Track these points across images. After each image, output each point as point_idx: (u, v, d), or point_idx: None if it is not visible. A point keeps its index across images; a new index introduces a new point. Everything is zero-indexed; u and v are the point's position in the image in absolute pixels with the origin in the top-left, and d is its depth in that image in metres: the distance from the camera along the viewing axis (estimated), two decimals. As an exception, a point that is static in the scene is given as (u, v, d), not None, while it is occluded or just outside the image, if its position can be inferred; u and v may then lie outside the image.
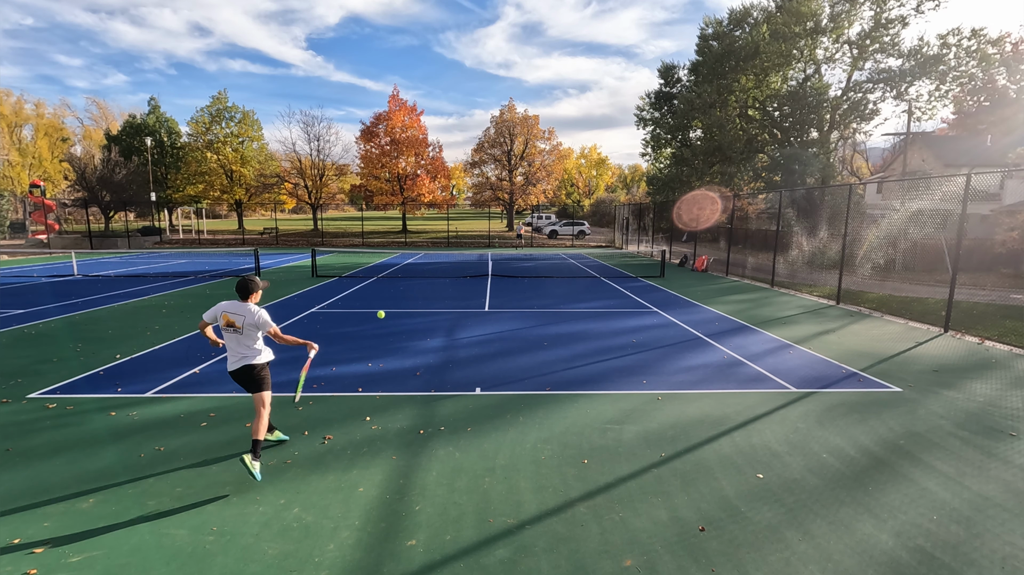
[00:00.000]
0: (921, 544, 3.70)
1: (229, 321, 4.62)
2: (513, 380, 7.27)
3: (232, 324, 4.61)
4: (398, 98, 47.59)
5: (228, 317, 4.63)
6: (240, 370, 4.69)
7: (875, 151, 39.53)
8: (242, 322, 4.63)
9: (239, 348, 4.67)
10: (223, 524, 3.89)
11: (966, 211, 10.22)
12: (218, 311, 4.68)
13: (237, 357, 4.68)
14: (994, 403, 6.50)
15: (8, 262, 24.81)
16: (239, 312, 4.65)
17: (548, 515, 4.04)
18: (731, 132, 29.46)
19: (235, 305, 4.69)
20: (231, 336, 4.66)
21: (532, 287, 16.46)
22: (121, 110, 74.29)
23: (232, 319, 4.62)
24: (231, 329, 4.62)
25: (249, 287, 4.77)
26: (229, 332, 4.64)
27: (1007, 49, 33.06)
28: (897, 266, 21.37)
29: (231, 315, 4.63)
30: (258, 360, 4.72)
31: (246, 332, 4.64)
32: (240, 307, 4.68)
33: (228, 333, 4.65)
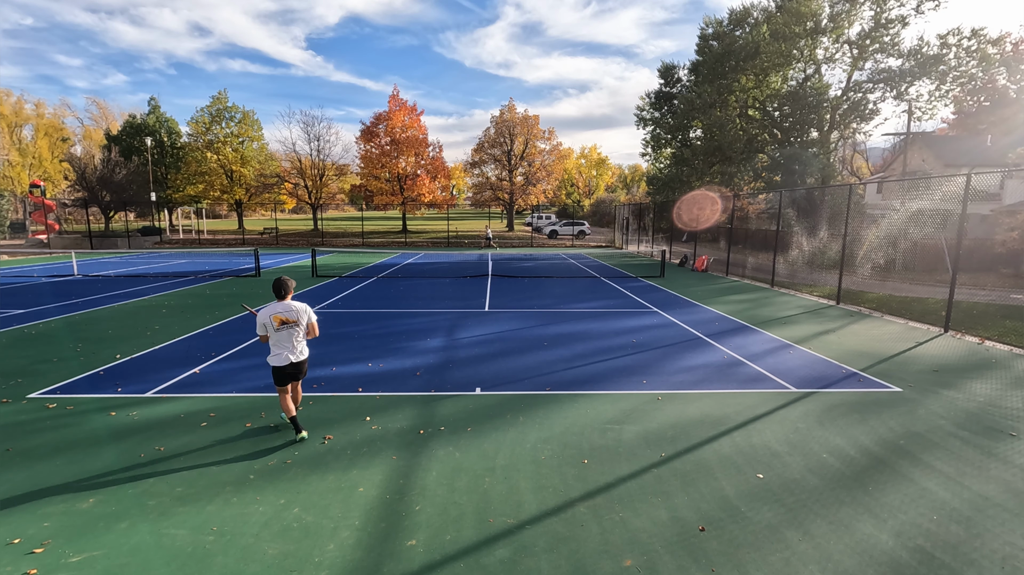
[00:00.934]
0: (921, 544, 3.70)
1: (284, 319, 5.09)
2: (513, 380, 7.27)
3: (287, 321, 5.10)
4: (398, 98, 47.58)
5: (282, 316, 5.09)
6: (301, 363, 5.26)
7: (875, 151, 39.57)
8: (296, 316, 5.15)
9: (296, 342, 5.18)
10: (223, 524, 3.89)
11: (966, 211, 10.22)
12: (267, 318, 5.09)
13: (295, 351, 5.20)
14: (994, 403, 6.50)
15: (8, 262, 24.81)
16: (291, 309, 5.16)
17: (548, 515, 4.04)
18: (731, 132, 29.45)
19: (282, 305, 5.15)
20: (286, 333, 5.12)
21: (532, 287, 16.46)
22: (121, 110, 74.33)
23: (286, 317, 5.11)
24: (287, 326, 5.09)
25: (288, 286, 5.26)
26: (284, 329, 5.09)
27: (1007, 49, 33.08)
28: (897, 266, 21.37)
29: (284, 314, 5.11)
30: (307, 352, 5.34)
31: (301, 324, 5.17)
32: (288, 305, 5.16)
33: (283, 331, 5.10)
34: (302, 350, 5.25)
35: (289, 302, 5.20)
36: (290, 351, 5.15)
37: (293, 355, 5.17)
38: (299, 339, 5.22)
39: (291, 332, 5.14)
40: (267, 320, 5.08)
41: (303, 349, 5.24)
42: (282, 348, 5.13)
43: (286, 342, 5.12)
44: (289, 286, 5.24)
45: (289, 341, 5.14)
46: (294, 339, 5.17)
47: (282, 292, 5.19)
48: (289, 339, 5.14)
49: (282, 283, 5.22)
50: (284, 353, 5.14)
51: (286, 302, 5.19)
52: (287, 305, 5.16)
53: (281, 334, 5.09)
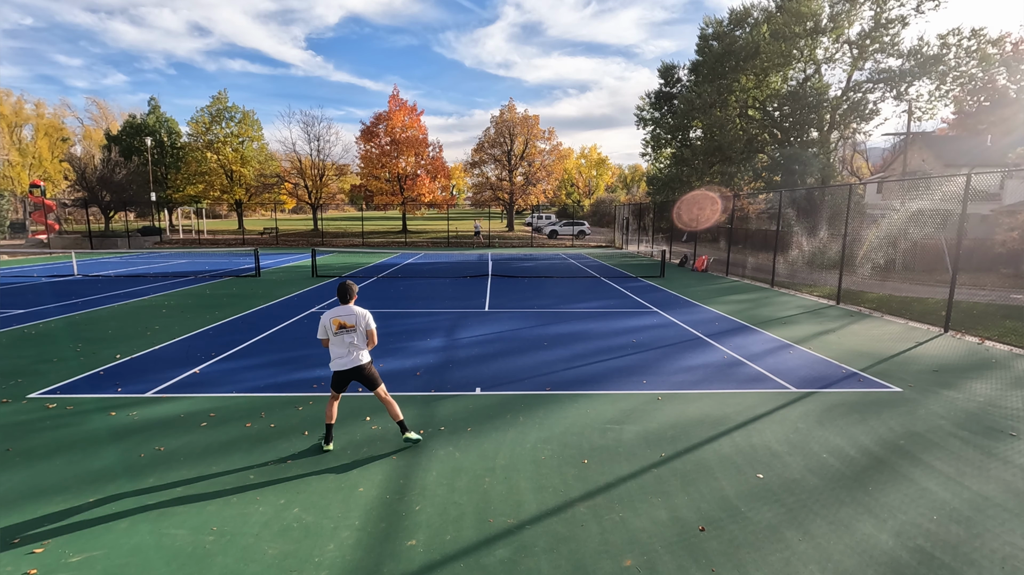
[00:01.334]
0: (921, 544, 3.70)
1: (342, 323, 4.99)
2: (513, 380, 7.27)
3: (345, 325, 4.99)
4: (398, 98, 47.58)
5: (340, 320, 5.00)
6: (354, 370, 5.04)
7: (875, 151, 39.56)
8: (354, 321, 5.02)
9: (351, 348, 5.02)
10: (223, 524, 3.89)
11: (966, 211, 10.22)
12: (327, 322, 5.03)
13: (348, 357, 5.02)
14: (994, 403, 6.50)
15: (8, 262, 24.81)
16: (351, 314, 5.05)
17: (548, 515, 4.04)
18: (731, 132, 29.45)
19: (344, 309, 5.08)
20: (341, 337, 5.01)
21: (532, 287, 16.46)
22: (121, 110, 74.32)
23: (344, 321, 5.00)
24: (343, 330, 4.99)
25: (351, 291, 5.17)
26: (341, 334, 5.00)
27: (1007, 49, 33.08)
28: (897, 266, 21.37)
29: (343, 318, 5.01)
30: (367, 358, 5.12)
31: (359, 330, 5.03)
32: (349, 310, 5.08)
33: (340, 335, 5.00)
34: (357, 357, 5.04)
35: (351, 306, 5.10)
36: (343, 356, 5.03)
37: (345, 361, 5.03)
38: (355, 345, 5.05)
39: (347, 337, 5.02)
40: (327, 323, 5.02)
41: (358, 356, 5.04)
42: (337, 353, 5.06)
43: (340, 348, 5.03)
44: (353, 290, 5.16)
45: (343, 346, 5.03)
46: (350, 345, 5.03)
47: (346, 296, 5.12)
48: (343, 344, 5.03)
49: (346, 287, 5.14)
50: (338, 358, 5.07)
51: (348, 306, 5.10)
52: (348, 309, 5.07)
53: (338, 339, 5.01)
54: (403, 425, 5.19)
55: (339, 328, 4.98)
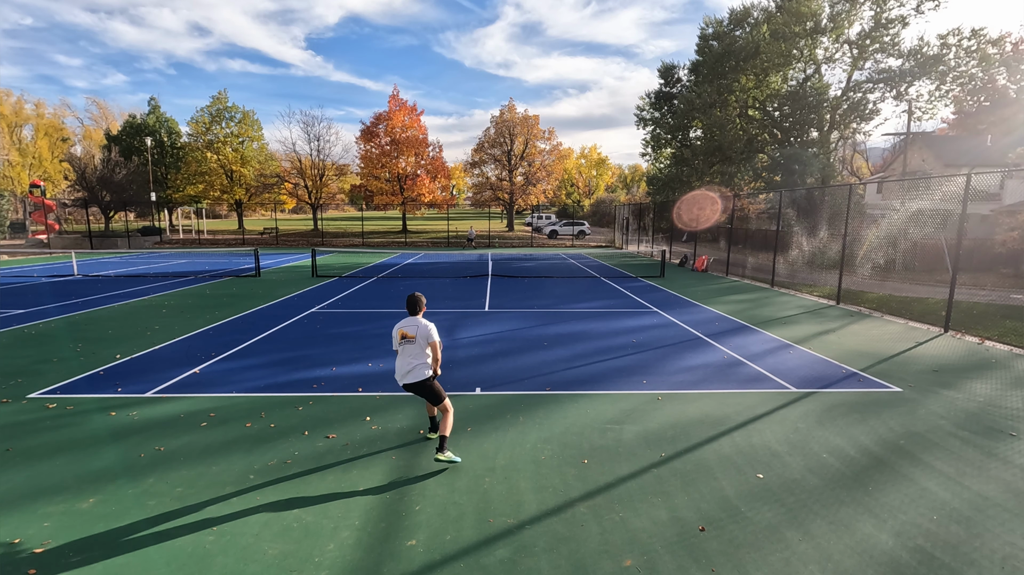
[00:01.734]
0: (921, 544, 3.70)
1: (404, 334, 4.94)
2: (513, 380, 7.27)
3: (406, 336, 4.93)
4: (398, 98, 47.59)
5: (404, 331, 4.95)
6: (415, 385, 4.91)
7: (875, 151, 39.58)
8: (415, 332, 4.93)
9: (410, 358, 4.90)
10: (223, 524, 3.89)
11: (966, 211, 10.22)
12: (394, 333, 5.02)
13: (407, 368, 4.91)
14: (994, 403, 6.50)
15: (8, 262, 24.81)
16: (412, 324, 4.98)
17: (548, 515, 4.04)
18: (731, 132, 29.46)
19: (409, 320, 5.02)
20: (403, 347, 4.94)
21: (532, 287, 16.46)
22: (121, 110, 74.35)
23: (406, 331, 4.94)
24: (404, 340, 4.94)
25: (420, 303, 5.10)
26: (403, 344, 4.95)
27: (1007, 49, 33.06)
28: (897, 266, 21.37)
29: (406, 329, 4.95)
30: (428, 372, 4.94)
31: (418, 342, 4.91)
32: (414, 321, 5.01)
33: (402, 345, 4.95)
34: (413, 372, 4.87)
35: (417, 318, 5.01)
36: (402, 368, 4.92)
37: (401, 374, 4.92)
38: (414, 355, 4.90)
39: (407, 347, 4.92)
40: (394, 334, 5.02)
41: (416, 371, 4.86)
42: (398, 364, 4.99)
43: (403, 357, 4.95)
44: (421, 302, 5.07)
45: (403, 357, 4.94)
46: (408, 356, 4.91)
47: (415, 308, 5.04)
48: (403, 355, 4.94)
49: (415, 299, 5.07)
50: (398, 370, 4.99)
51: (414, 318, 5.01)
52: (413, 320, 4.99)
53: (401, 349, 4.96)
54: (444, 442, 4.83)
55: (402, 338, 4.94)
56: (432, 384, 4.96)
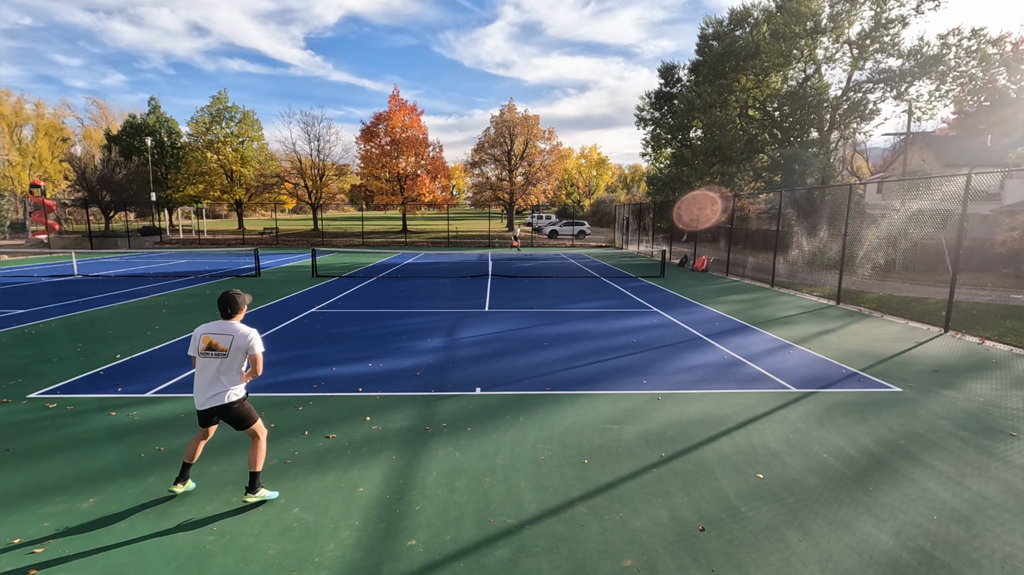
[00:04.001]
0: (921, 544, 3.70)
1: (211, 342, 3.93)
2: (513, 380, 7.27)
3: (215, 347, 3.91)
4: (398, 98, 47.59)
5: (211, 338, 3.94)
6: (218, 409, 3.99)
7: (875, 151, 39.54)
8: (228, 342, 3.93)
9: (218, 377, 3.95)
10: (223, 524, 3.89)
11: (966, 211, 10.22)
12: (196, 337, 4.01)
13: (211, 390, 3.95)
14: (994, 403, 6.50)
15: (8, 262, 24.81)
16: (224, 332, 3.96)
17: (548, 515, 4.04)
18: (731, 132, 29.46)
19: (221, 325, 4.01)
20: (209, 362, 3.95)
21: (532, 287, 16.46)
22: (121, 110, 74.32)
23: (215, 340, 3.93)
24: (212, 353, 3.92)
25: (236, 302, 4.09)
26: (209, 357, 3.93)
27: (1007, 49, 33.04)
28: (897, 266, 21.36)
29: (215, 336, 3.95)
30: (241, 393, 4.07)
31: (232, 356, 3.95)
32: (226, 326, 4.00)
33: (207, 358, 3.93)
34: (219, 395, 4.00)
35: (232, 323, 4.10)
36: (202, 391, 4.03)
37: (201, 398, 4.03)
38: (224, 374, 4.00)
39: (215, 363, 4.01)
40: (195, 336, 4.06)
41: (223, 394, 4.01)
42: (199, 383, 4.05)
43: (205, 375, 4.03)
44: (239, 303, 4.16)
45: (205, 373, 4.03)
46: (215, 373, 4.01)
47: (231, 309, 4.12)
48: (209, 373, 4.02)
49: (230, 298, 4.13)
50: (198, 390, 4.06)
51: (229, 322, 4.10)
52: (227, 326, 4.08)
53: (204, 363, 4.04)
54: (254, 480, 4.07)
55: (207, 348, 3.93)
56: (241, 407, 4.03)
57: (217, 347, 3.94)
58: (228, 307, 4.09)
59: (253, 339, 4.01)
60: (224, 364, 3.96)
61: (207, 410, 4.01)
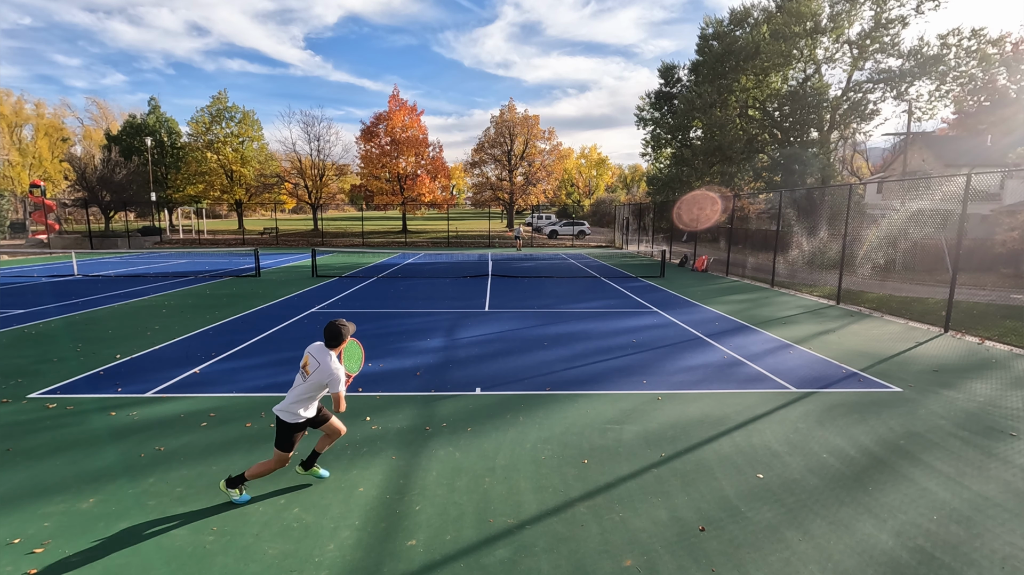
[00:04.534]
0: (921, 544, 3.70)
1: (305, 362, 4.18)
2: (513, 380, 7.27)
3: (304, 367, 4.16)
4: (398, 98, 47.59)
5: (308, 358, 4.17)
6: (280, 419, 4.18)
7: (875, 151, 39.55)
8: (314, 367, 4.10)
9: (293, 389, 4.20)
10: (223, 524, 3.89)
11: (966, 211, 10.22)
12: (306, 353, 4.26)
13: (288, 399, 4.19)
14: (994, 403, 6.50)
15: (8, 262, 24.81)
16: (318, 358, 4.11)
17: (548, 515, 4.04)
18: (731, 132, 29.46)
19: (320, 350, 4.16)
20: (298, 376, 4.22)
21: (532, 287, 16.46)
22: (121, 110, 74.33)
23: (308, 361, 4.15)
24: (301, 370, 4.19)
25: (340, 335, 4.14)
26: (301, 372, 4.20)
27: (1007, 49, 33.06)
28: (897, 266, 21.36)
29: (311, 357, 4.15)
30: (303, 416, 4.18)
31: (309, 382, 4.10)
32: (322, 352, 4.14)
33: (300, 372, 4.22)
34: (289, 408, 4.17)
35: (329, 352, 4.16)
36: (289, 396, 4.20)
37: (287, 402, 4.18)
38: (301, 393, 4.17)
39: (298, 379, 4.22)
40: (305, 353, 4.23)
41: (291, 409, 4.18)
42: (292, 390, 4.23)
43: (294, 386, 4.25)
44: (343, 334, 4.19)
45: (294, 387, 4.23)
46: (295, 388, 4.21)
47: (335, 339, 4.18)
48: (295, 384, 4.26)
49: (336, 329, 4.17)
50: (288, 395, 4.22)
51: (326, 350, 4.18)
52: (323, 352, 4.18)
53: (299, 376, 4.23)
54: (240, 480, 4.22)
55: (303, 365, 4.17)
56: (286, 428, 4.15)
57: (305, 369, 4.16)
58: (331, 338, 4.14)
59: (332, 380, 4.04)
60: (301, 384, 4.16)
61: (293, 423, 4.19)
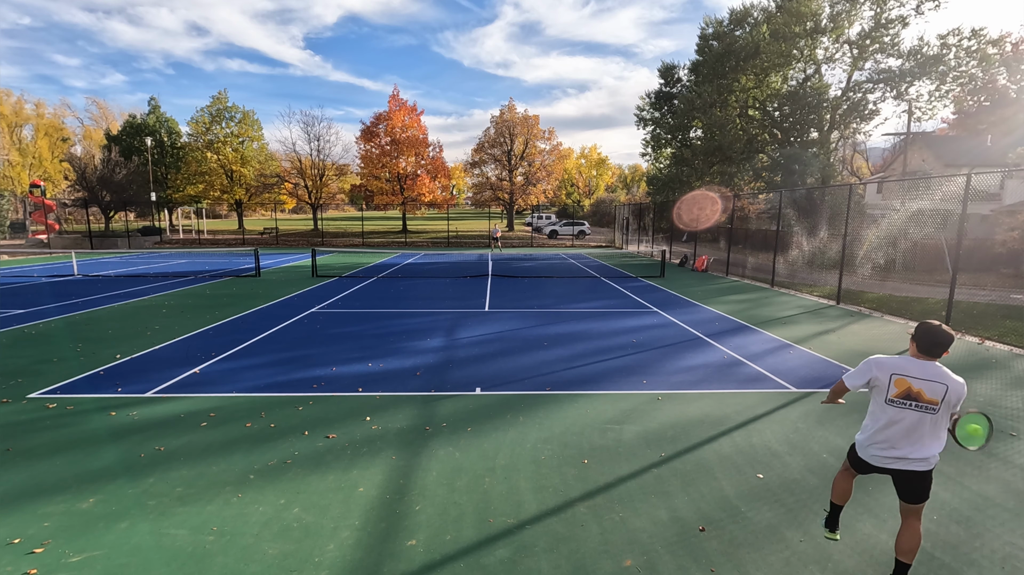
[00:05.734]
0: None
1: (912, 391, 2.88)
2: (513, 380, 7.27)
3: (916, 396, 2.87)
4: (398, 98, 47.61)
5: (909, 383, 2.89)
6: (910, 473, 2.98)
7: (875, 151, 39.57)
8: (941, 396, 2.84)
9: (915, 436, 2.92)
10: (223, 524, 3.89)
11: (966, 211, 10.22)
12: (880, 368, 2.99)
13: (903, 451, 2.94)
14: (994, 403, 6.50)
15: (8, 262, 24.81)
16: (934, 379, 2.86)
17: (548, 515, 4.04)
18: (731, 132, 29.45)
19: (921, 367, 2.91)
20: (904, 414, 2.91)
21: (532, 287, 16.46)
22: (121, 110, 74.33)
23: (920, 389, 2.87)
24: (912, 404, 2.89)
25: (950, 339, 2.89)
26: (905, 407, 2.91)
27: (1007, 49, 33.04)
28: (897, 266, 21.36)
29: (916, 382, 2.88)
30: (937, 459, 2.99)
31: (941, 414, 2.88)
32: (933, 371, 2.89)
33: (902, 408, 2.92)
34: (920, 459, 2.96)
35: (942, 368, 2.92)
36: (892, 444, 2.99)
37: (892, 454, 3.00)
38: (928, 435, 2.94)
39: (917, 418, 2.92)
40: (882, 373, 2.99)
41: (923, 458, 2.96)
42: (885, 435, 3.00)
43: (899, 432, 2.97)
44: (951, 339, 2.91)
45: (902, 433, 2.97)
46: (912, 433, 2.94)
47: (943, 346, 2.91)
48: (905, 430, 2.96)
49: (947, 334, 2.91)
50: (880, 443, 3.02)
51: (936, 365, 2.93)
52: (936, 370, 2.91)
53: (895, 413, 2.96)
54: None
55: (903, 397, 2.91)
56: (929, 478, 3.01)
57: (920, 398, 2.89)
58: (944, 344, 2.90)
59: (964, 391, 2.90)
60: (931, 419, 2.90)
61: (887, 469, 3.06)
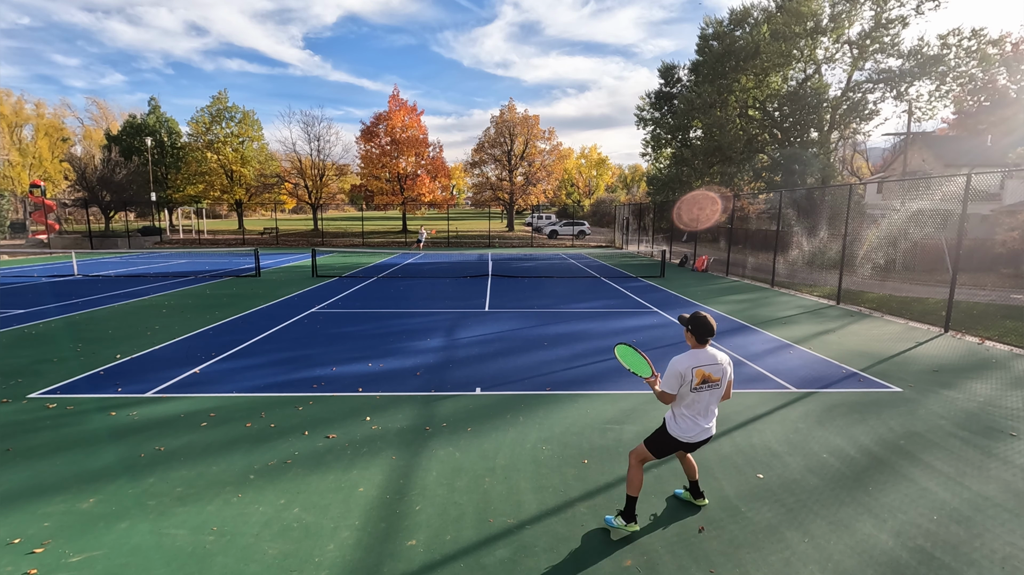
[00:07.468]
0: (921, 544, 3.70)
1: (706, 376, 3.67)
2: (513, 380, 7.27)
3: (709, 379, 3.68)
4: (398, 98, 47.60)
5: (704, 371, 3.66)
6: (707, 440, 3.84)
7: (875, 151, 39.59)
8: (722, 375, 3.71)
9: (710, 410, 3.78)
10: (223, 524, 3.89)
11: (966, 211, 10.22)
12: (684, 368, 3.66)
13: (707, 423, 3.78)
14: (994, 403, 6.50)
15: (8, 262, 24.81)
16: (717, 363, 3.70)
17: (548, 515, 4.04)
18: (731, 132, 29.44)
19: (706, 355, 3.71)
20: (703, 395, 3.70)
21: (532, 287, 16.46)
22: (121, 110, 74.37)
23: (709, 372, 3.67)
24: (707, 386, 3.68)
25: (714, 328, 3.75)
26: (703, 390, 3.69)
27: (1007, 49, 33.06)
28: (897, 266, 21.36)
29: (707, 368, 3.67)
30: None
31: (722, 385, 3.76)
32: (713, 357, 3.71)
33: (701, 391, 3.68)
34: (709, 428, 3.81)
35: (716, 352, 3.77)
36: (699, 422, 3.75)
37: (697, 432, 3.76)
38: (715, 407, 3.82)
39: (710, 395, 3.74)
40: (684, 370, 3.66)
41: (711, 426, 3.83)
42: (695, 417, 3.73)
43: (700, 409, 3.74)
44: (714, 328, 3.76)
45: (702, 409, 3.74)
46: (709, 407, 3.76)
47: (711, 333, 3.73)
48: (704, 406, 3.74)
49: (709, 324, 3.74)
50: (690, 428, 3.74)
51: (712, 352, 3.75)
52: (713, 355, 3.73)
53: (698, 398, 3.70)
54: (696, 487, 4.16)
55: (702, 382, 3.67)
56: None
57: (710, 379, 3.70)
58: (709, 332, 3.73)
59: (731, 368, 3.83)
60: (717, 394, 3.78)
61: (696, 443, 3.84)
